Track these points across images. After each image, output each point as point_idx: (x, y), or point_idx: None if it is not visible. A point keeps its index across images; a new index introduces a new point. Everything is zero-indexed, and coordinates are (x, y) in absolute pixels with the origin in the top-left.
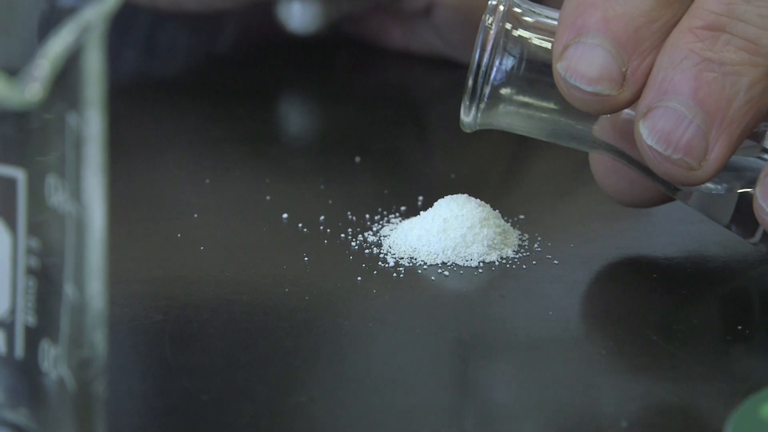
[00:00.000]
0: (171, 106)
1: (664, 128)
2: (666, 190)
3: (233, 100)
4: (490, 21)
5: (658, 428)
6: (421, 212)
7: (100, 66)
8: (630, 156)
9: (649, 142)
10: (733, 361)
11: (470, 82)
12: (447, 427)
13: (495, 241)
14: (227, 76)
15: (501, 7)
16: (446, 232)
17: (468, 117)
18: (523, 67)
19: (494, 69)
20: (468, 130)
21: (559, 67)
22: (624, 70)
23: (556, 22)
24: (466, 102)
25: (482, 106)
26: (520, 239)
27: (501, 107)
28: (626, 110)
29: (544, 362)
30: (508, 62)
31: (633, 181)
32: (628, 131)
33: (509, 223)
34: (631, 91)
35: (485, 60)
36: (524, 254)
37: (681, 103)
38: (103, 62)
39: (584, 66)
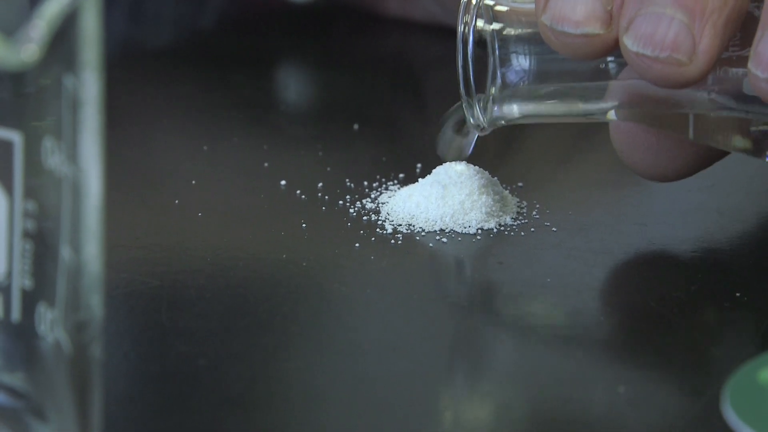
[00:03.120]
0: (169, 73)
1: (647, 31)
2: (722, 145)
3: (231, 67)
4: (466, 18)
5: (656, 394)
6: (420, 179)
7: (96, 28)
8: (649, 109)
9: (634, 49)
10: (730, 328)
11: (463, 85)
12: (444, 393)
13: (493, 209)
14: (225, 43)
15: (473, 2)
16: (444, 199)
17: (475, 116)
18: (517, 50)
19: (490, 64)
20: (481, 132)
21: (545, 19)
22: (609, 8)
23: (528, 4)
24: (468, 103)
25: (488, 99)
26: (518, 206)
27: (509, 96)
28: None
29: (541, 328)
30: (501, 51)
31: (658, 152)
32: (640, 86)
33: (507, 190)
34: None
35: (470, 52)
36: (522, 221)
37: (659, 5)
38: (100, 24)
39: (568, 10)
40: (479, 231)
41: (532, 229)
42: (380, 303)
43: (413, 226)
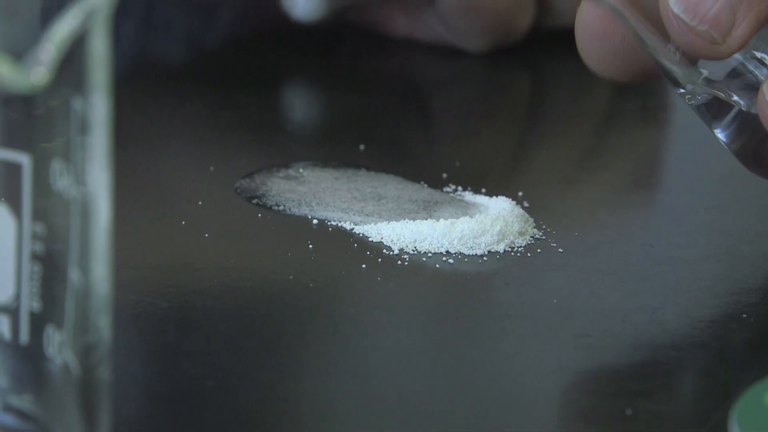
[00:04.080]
0: (175, 93)
1: None
2: (661, 69)
3: (238, 88)
4: None
5: (663, 416)
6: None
7: (105, 50)
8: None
9: (675, 9)
10: (737, 350)
11: None
12: (451, 414)
13: (505, 234)
14: (232, 64)
15: None
16: (453, 224)
17: None
18: None
19: None
20: None
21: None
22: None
23: None
24: None
25: None
26: (535, 231)
27: None
28: None
29: (549, 350)
30: None
31: (617, 51)
32: None
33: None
34: None
35: None
36: (529, 242)
37: None
38: (109, 47)
39: None
40: (487, 252)
41: (539, 250)
42: (387, 324)
43: (420, 247)
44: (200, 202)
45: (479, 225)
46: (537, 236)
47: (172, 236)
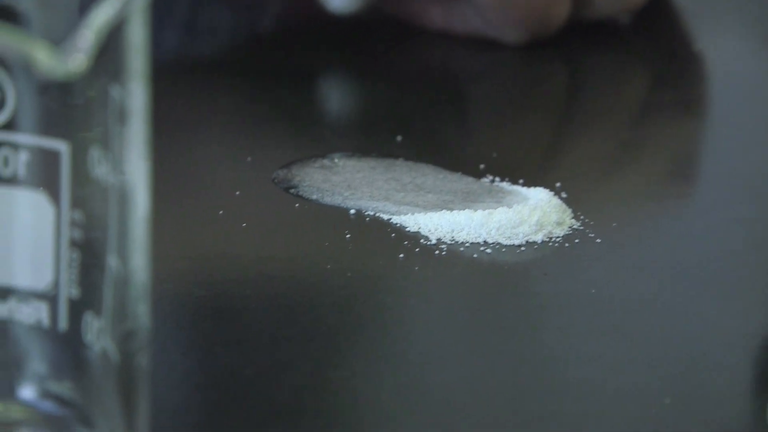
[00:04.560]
0: (212, 84)
1: None
2: None
3: (274, 79)
4: None
5: (701, 407)
6: None
7: (143, 38)
8: None
9: None
10: None
11: None
12: (488, 404)
13: (543, 224)
14: (268, 55)
15: None
16: (491, 214)
17: None
18: None
19: None
20: None
21: None
22: None
23: None
24: None
25: None
26: (572, 222)
27: None
28: None
29: (586, 340)
30: None
31: None
32: None
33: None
34: None
35: None
36: (567, 232)
37: None
38: (147, 34)
39: None
40: (525, 243)
41: (576, 241)
42: (425, 313)
43: (457, 236)
44: (238, 192)
45: (517, 215)
46: (575, 227)
47: (209, 226)
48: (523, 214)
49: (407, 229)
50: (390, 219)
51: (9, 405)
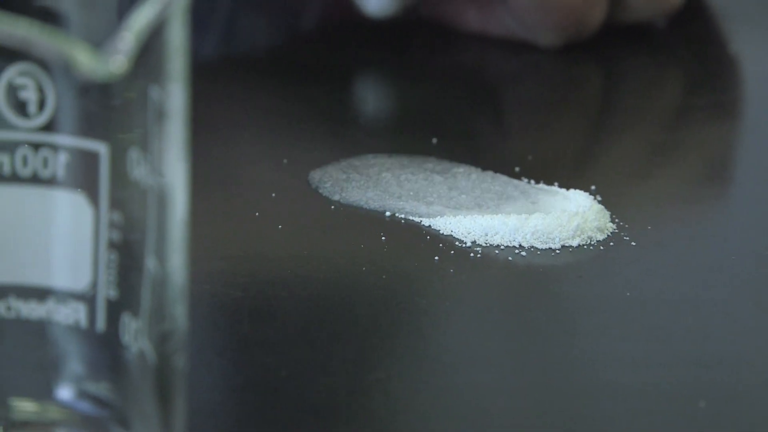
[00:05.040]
0: (249, 86)
1: None
2: None
3: (311, 80)
4: None
5: (737, 409)
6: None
7: (182, 40)
8: None
9: None
10: None
11: None
12: (523, 407)
13: (582, 230)
14: (305, 57)
15: None
16: (527, 219)
17: None
18: None
19: None
20: None
21: None
22: None
23: None
24: None
25: None
26: (612, 226)
27: None
28: None
29: (622, 343)
30: None
31: None
32: None
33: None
34: None
35: None
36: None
37: None
38: (186, 36)
39: None
40: (560, 246)
41: (612, 243)
42: (460, 316)
43: (492, 239)
44: (274, 194)
45: (555, 221)
46: (610, 230)
47: (246, 227)
48: (561, 221)
49: (441, 232)
50: (423, 221)
51: (47, 405)
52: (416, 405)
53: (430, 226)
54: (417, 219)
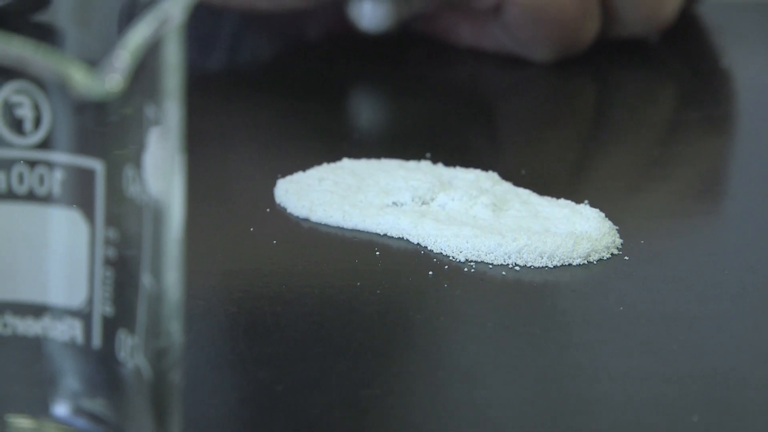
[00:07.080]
0: (243, 101)
1: None
2: None
3: (305, 95)
4: None
5: (730, 424)
6: None
7: (178, 58)
8: None
9: None
10: None
11: None
12: (518, 422)
13: (589, 253)
14: (300, 71)
15: None
16: (527, 246)
17: None
18: None
19: None
20: None
21: None
22: None
23: None
24: None
25: None
26: (614, 243)
27: None
28: None
29: (615, 357)
30: None
31: None
32: None
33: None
34: None
35: None
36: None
37: None
38: (182, 54)
39: None
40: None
41: (605, 257)
42: (454, 330)
43: (486, 259)
44: (268, 210)
45: (562, 241)
46: (618, 245)
47: (241, 243)
48: (567, 244)
49: (435, 248)
50: (418, 242)
51: (43, 422)
52: (412, 420)
53: (425, 244)
54: (412, 236)
